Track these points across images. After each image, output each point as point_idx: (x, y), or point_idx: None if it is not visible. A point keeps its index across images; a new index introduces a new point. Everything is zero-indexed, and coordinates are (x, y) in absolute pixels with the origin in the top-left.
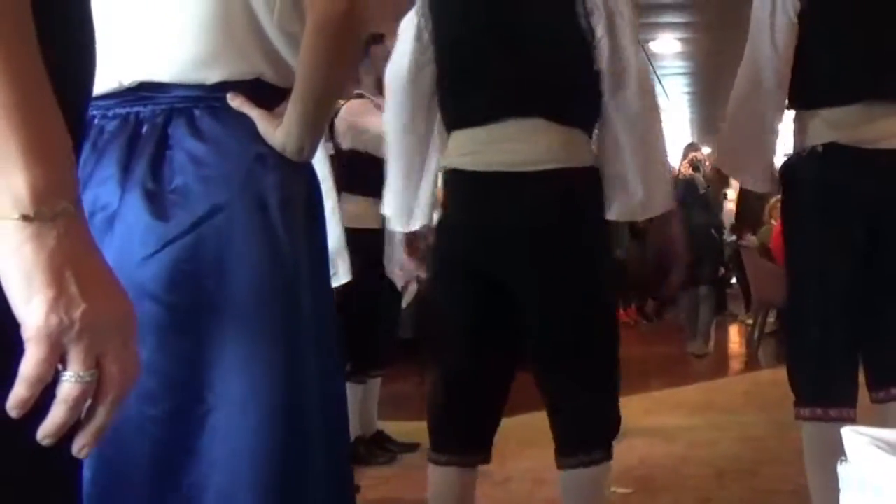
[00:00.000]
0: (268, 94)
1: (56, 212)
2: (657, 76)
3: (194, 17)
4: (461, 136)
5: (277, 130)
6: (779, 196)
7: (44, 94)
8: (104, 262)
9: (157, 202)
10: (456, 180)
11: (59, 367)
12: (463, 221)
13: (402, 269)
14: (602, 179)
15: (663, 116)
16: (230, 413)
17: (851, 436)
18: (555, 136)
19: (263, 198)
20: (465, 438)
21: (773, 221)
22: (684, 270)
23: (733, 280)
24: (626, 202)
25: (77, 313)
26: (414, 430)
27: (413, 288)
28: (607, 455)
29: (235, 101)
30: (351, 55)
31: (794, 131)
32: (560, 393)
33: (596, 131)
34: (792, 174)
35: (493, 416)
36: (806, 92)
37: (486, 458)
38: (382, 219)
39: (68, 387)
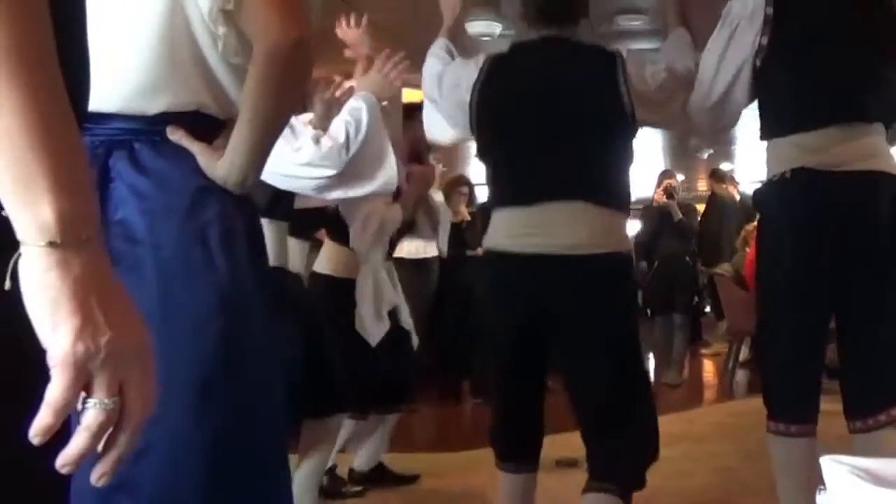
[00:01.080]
0: (208, 126)
1: (81, 239)
2: None
3: (138, 46)
4: (507, 217)
5: (219, 163)
6: (753, 224)
7: (68, 122)
8: (125, 291)
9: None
10: (501, 261)
11: (83, 394)
12: (509, 298)
13: None
14: None
15: (637, 146)
16: (166, 453)
17: (830, 465)
18: (599, 220)
19: (204, 231)
20: (522, 449)
21: (746, 249)
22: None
23: (707, 309)
24: None
25: (103, 341)
26: (413, 461)
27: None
28: (638, 485)
29: (175, 135)
30: (299, 86)
31: (766, 160)
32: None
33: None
34: (763, 200)
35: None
36: (773, 121)
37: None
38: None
39: (93, 413)
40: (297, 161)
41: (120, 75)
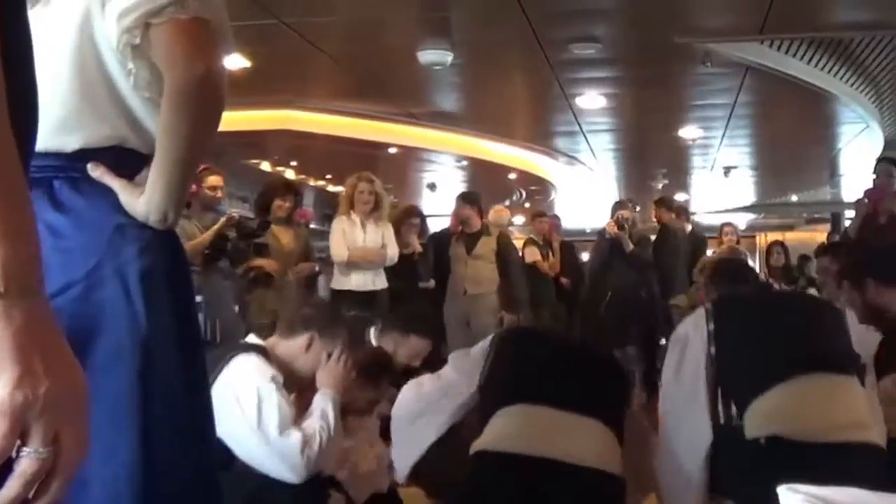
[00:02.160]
0: (129, 161)
1: (26, 288)
2: (583, 133)
3: (52, 82)
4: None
5: (140, 199)
6: (709, 258)
7: (14, 168)
8: (64, 340)
9: None
10: (497, 464)
11: (18, 442)
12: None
13: None
14: None
15: (591, 176)
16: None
17: (788, 494)
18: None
19: (123, 270)
20: None
21: (702, 281)
22: None
23: (663, 341)
24: None
25: (41, 391)
26: None
27: None
28: None
29: (96, 172)
30: (212, 119)
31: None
32: None
33: None
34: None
35: None
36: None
37: None
38: None
39: (27, 462)
40: (274, 455)
41: None
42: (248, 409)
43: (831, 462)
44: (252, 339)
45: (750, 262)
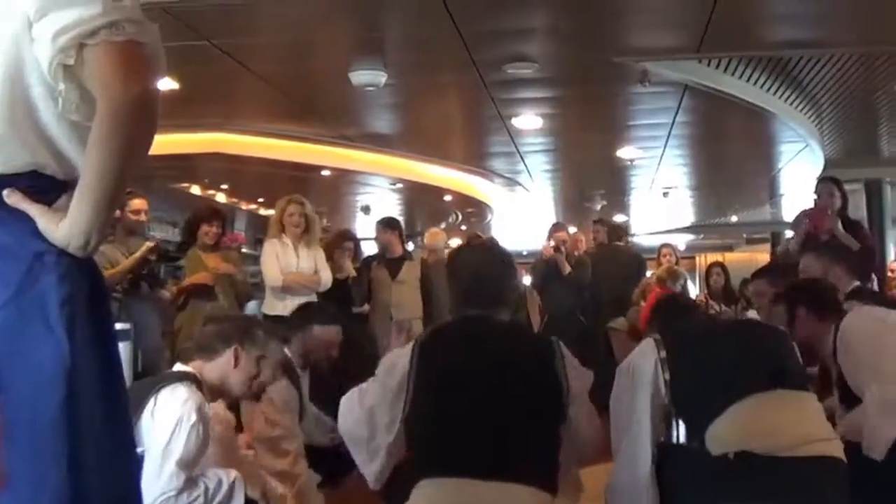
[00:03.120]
0: (47, 187)
1: None
2: (520, 154)
3: None
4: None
5: (60, 225)
6: (648, 280)
7: None
8: None
9: None
10: None
11: None
12: None
13: None
14: None
15: (529, 198)
16: None
17: None
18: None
19: (43, 298)
20: None
21: (642, 302)
22: None
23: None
24: None
25: None
26: None
27: None
28: None
29: (12, 199)
30: (145, 141)
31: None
32: None
33: None
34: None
35: None
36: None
37: None
38: None
39: None
40: (157, 484)
41: None
42: (161, 436)
43: (801, 474)
44: (179, 366)
45: (690, 285)
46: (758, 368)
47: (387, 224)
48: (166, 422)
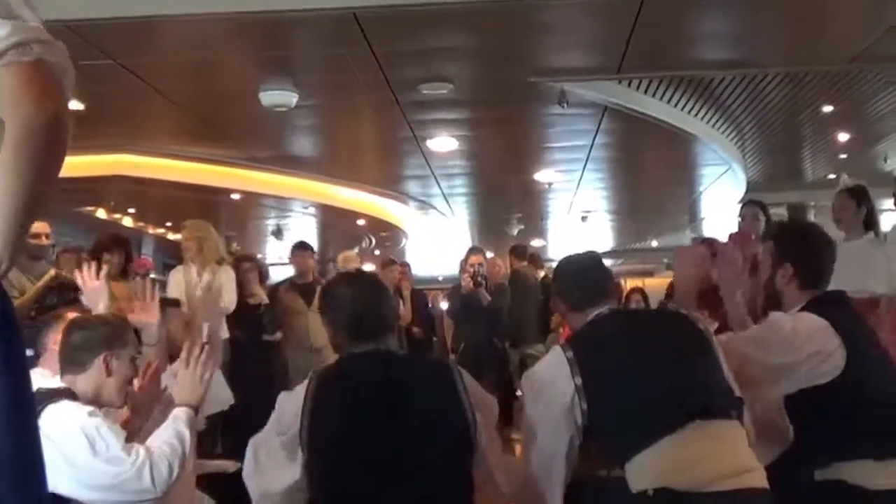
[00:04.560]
0: None
1: None
2: (435, 177)
3: None
4: None
5: None
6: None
7: None
8: None
9: None
10: None
11: None
12: None
13: None
14: None
15: (444, 222)
16: None
17: None
18: None
19: None
20: None
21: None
22: None
23: (519, 392)
24: None
25: None
26: None
27: None
28: None
29: None
30: (57, 163)
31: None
32: None
33: None
34: None
35: None
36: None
37: None
38: None
39: None
40: (130, 476)
41: None
42: (80, 451)
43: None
44: (50, 384)
45: None
46: (679, 402)
47: (303, 247)
48: (73, 441)
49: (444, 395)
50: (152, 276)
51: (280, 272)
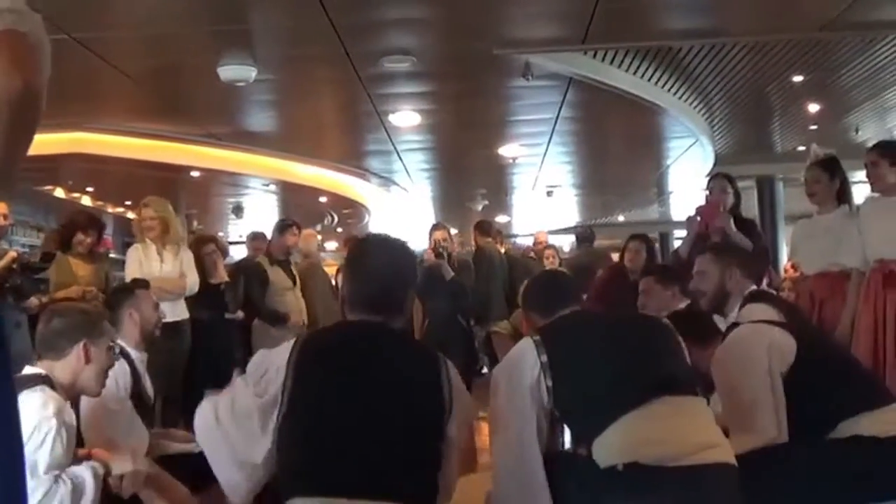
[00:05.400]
0: None
1: None
2: (398, 152)
3: None
4: None
5: None
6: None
7: None
8: None
9: None
10: None
11: None
12: None
13: None
14: None
15: (407, 198)
16: None
17: None
18: None
19: None
20: None
21: None
22: None
23: (485, 369)
24: None
25: None
26: None
27: None
28: None
29: None
30: (27, 136)
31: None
32: None
33: None
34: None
35: None
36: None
37: None
38: None
39: None
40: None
41: None
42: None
43: (690, 484)
44: (30, 369)
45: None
46: (644, 378)
47: (291, 224)
48: (24, 432)
49: (427, 377)
50: (112, 255)
51: (241, 251)
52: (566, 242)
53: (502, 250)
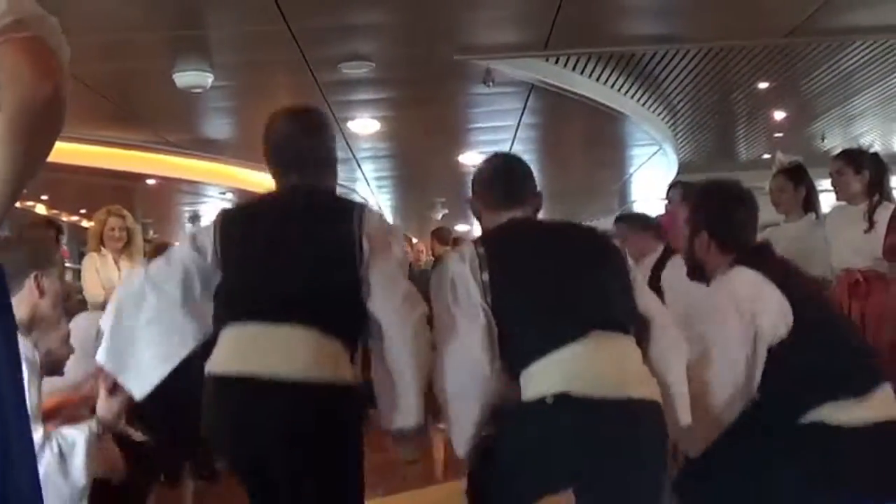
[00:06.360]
0: None
1: None
2: (356, 159)
3: None
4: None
5: None
6: None
7: None
8: None
9: None
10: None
11: None
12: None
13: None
14: None
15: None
16: None
17: None
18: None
19: None
20: None
21: None
22: None
23: None
24: None
25: None
26: None
27: None
28: None
29: None
30: (51, 140)
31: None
32: None
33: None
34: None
35: None
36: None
37: None
38: None
39: None
40: None
41: None
42: None
43: (620, 417)
44: None
45: None
46: (581, 312)
47: None
48: None
49: (339, 225)
50: (67, 264)
51: None
52: None
53: None
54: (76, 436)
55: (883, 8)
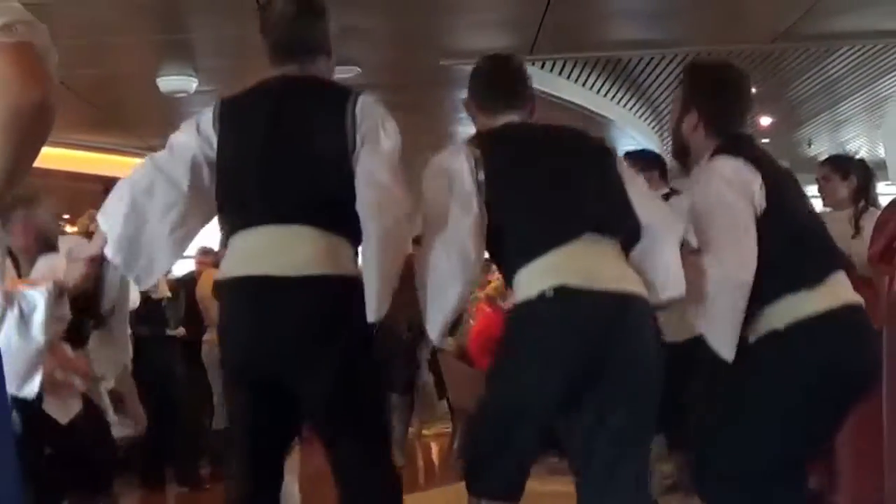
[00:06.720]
0: None
1: None
2: None
3: None
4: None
5: None
6: (477, 298)
7: None
8: None
9: None
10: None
11: None
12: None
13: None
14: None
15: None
16: None
17: None
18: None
19: None
20: None
21: (471, 321)
22: None
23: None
24: None
25: None
26: None
27: None
28: None
29: None
30: (38, 145)
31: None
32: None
33: None
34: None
35: None
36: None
37: None
38: None
39: None
40: None
41: None
42: None
43: (619, 307)
44: None
45: None
46: (574, 214)
47: (204, 252)
48: None
49: (331, 114)
50: None
51: (181, 265)
52: None
53: None
54: (37, 297)
55: (868, 13)
